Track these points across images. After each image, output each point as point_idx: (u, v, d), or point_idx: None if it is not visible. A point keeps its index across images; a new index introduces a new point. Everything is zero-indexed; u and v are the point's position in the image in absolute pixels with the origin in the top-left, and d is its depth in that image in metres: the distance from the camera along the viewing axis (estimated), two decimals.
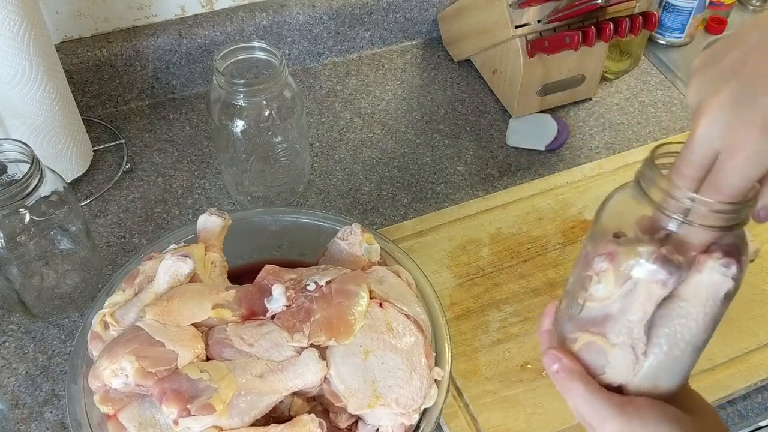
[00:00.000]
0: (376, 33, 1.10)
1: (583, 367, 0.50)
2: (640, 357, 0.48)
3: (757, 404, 0.74)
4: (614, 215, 0.50)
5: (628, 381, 0.49)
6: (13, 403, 0.72)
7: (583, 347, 0.50)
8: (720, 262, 0.45)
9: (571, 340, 0.51)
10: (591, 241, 0.50)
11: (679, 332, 0.47)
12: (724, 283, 0.45)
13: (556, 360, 0.51)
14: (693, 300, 0.46)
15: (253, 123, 0.81)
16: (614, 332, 0.48)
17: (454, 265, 0.83)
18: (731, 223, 0.45)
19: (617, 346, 0.48)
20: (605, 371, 0.49)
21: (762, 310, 0.79)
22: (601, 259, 0.48)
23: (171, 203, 0.90)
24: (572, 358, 0.51)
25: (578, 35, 0.89)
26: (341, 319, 0.60)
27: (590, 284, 0.49)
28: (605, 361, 0.49)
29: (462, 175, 0.95)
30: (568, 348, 0.52)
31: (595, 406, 0.48)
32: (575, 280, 0.52)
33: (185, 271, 0.63)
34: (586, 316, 0.50)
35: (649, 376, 0.48)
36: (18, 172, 0.72)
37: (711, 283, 0.45)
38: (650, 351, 0.48)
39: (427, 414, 0.61)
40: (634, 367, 0.48)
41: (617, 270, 0.47)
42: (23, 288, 0.75)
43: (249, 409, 0.56)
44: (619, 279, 0.47)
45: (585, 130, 1.02)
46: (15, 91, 0.79)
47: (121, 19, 0.98)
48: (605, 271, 0.48)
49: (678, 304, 0.46)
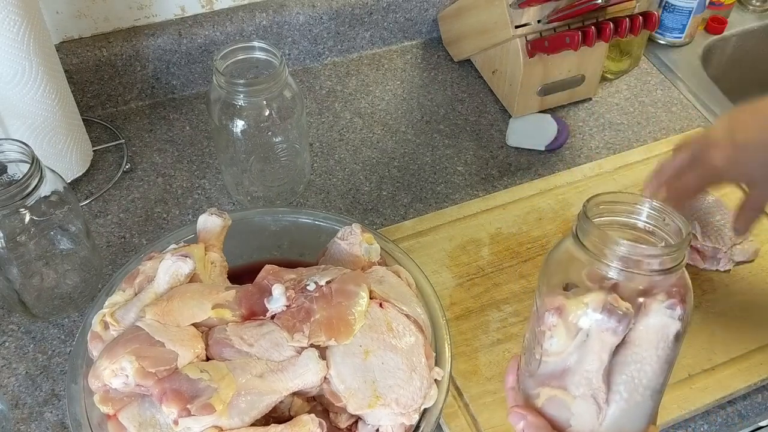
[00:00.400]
0: (376, 33, 1.10)
1: (549, 422, 0.50)
2: (603, 406, 0.48)
3: (757, 404, 0.74)
4: (558, 268, 0.51)
5: (595, 431, 0.49)
6: (13, 403, 0.72)
7: (546, 402, 0.51)
8: (665, 305, 0.46)
9: (534, 396, 0.52)
10: (540, 295, 0.51)
11: (636, 377, 0.47)
12: (672, 324, 0.46)
13: (521, 418, 0.51)
14: (645, 344, 0.47)
15: (253, 123, 0.81)
16: (574, 384, 0.49)
17: (454, 265, 0.83)
18: (669, 266, 0.46)
19: (579, 398, 0.49)
20: (571, 424, 0.50)
21: (762, 310, 0.79)
22: (550, 314, 0.48)
23: (171, 203, 0.90)
24: (537, 414, 0.51)
25: (578, 35, 0.89)
26: (341, 319, 0.60)
27: (544, 339, 0.49)
28: (569, 413, 0.49)
29: (462, 175, 0.95)
30: (532, 404, 0.52)
31: None
32: (530, 336, 0.52)
33: (185, 271, 0.63)
34: (544, 371, 0.51)
35: (614, 424, 0.49)
36: (18, 172, 0.72)
37: (659, 326, 0.46)
38: (611, 399, 0.48)
39: (427, 414, 0.61)
40: (598, 416, 0.48)
41: (567, 323, 0.48)
42: (23, 288, 0.75)
43: (249, 409, 0.56)
44: (570, 331, 0.48)
45: (585, 130, 1.02)
46: (15, 91, 0.79)
47: (121, 19, 0.98)
48: (556, 326, 0.48)
49: (632, 350, 0.47)
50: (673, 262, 0.46)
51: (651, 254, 0.46)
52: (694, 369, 0.74)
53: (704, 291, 0.81)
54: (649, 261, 0.45)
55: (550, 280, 0.50)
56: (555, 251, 0.51)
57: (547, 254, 0.52)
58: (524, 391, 0.53)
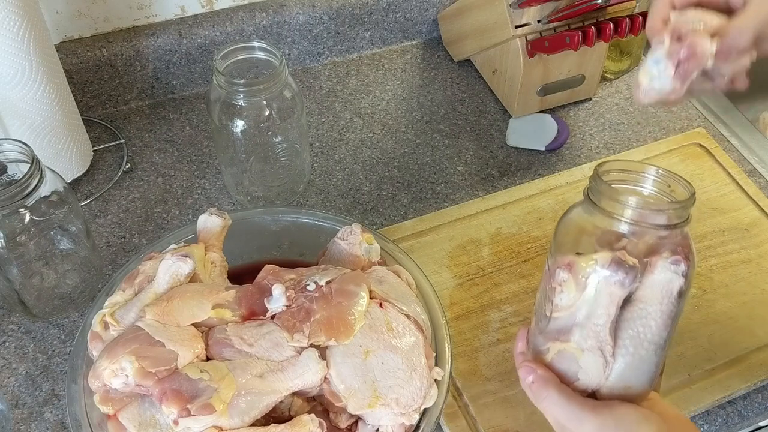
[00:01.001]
0: (376, 33, 1.10)
1: (558, 375, 0.53)
2: (609, 359, 0.51)
3: (757, 404, 0.74)
4: (570, 230, 0.54)
5: (601, 385, 0.52)
6: (13, 403, 0.72)
7: (556, 357, 0.53)
8: (669, 261, 0.49)
9: (543, 351, 0.54)
10: (551, 256, 0.54)
11: (641, 332, 0.50)
12: (676, 280, 0.49)
13: (530, 371, 0.53)
14: (650, 300, 0.49)
15: (253, 123, 0.81)
16: (583, 338, 0.51)
17: (454, 265, 0.83)
18: (675, 222, 0.49)
19: (587, 351, 0.51)
20: (578, 377, 0.52)
21: (762, 310, 0.79)
22: (561, 270, 0.51)
23: (171, 203, 0.90)
24: (546, 369, 0.53)
25: (578, 35, 0.89)
26: (341, 319, 0.60)
27: (555, 295, 0.52)
28: (577, 367, 0.52)
29: (462, 175, 0.95)
30: (541, 360, 0.54)
31: (571, 409, 0.50)
32: (541, 296, 0.55)
33: (185, 271, 0.63)
34: (554, 327, 0.53)
35: (620, 378, 0.51)
36: (18, 172, 0.72)
37: (664, 281, 0.49)
38: (618, 353, 0.51)
39: (427, 414, 0.61)
40: (604, 369, 0.51)
41: (576, 278, 0.50)
42: (23, 288, 0.75)
43: (249, 409, 0.56)
44: (580, 286, 0.50)
45: (585, 130, 1.02)
46: (15, 91, 0.79)
47: (121, 19, 0.98)
48: (566, 281, 0.51)
49: (637, 306, 0.50)
50: (679, 218, 0.49)
51: (659, 209, 0.49)
52: (694, 369, 0.74)
53: (704, 291, 0.81)
54: (656, 216, 0.49)
55: (561, 244, 0.53)
56: (566, 216, 0.54)
57: (559, 220, 0.55)
58: (534, 348, 0.56)
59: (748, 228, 0.87)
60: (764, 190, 0.92)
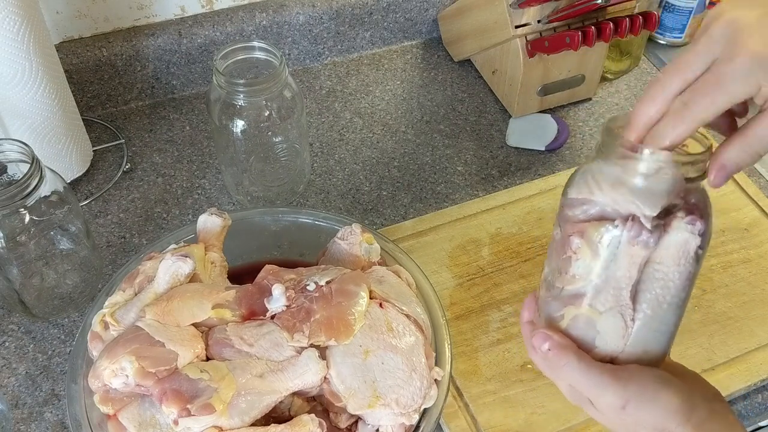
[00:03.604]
0: (376, 33, 1.10)
1: (574, 342, 0.50)
2: (629, 323, 0.49)
3: (757, 404, 0.74)
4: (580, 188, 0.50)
5: (620, 350, 0.50)
6: (13, 403, 0.72)
7: (571, 322, 0.51)
8: (685, 221, 0.47)
9: (558, 318, 0.51)
10: (561, 221, 0.51)
11: (659, 295, 0.48)
12: (693, 240, 0.47)
13: (546, 338, 0.50)
14: (667, 261, 0.48)
15: (253, 123, 0.81)
16: (600, 301, 0.49)
17: (454, 265, 0.83)
18: (692, 176, 0.47)
19: (605, 314, 0.49)
20: (596, 344, 0.50)
21: (762, 310, 0.79)
22: (573, 237, 0.49)
23: (171, 203, 0.90)
24: (562, 335, 0.50)
25: (578, 35, 0.89)
26: (341, 319, 0.60)
27: (570, 264, 0.50)
28: (595, 332, 0.50)
29: (462, 175, 0.95)
30: (556, 327, 0.52)
31: (591, 377, 0.48)
32: (552, 267, 0.52)
33: (185, 271, 0.63)
34: (569, 292, 0.50)
35: (639, 341, 0.49)
36: (18, 172, 0.72)
37: (681, 241, 0.47)
38: (636, 317, 0.49)
39: (427, 414, 0.61)
40: (624, 333, 0.49)
41: (590, 242, 0.48)
42: (23, 288, 0.75)
43: (249, 409, 0.56)
44: (596, 252, 0.48)
45: (585, 130, 1.02)
46: (15, 91, 0.79)
47: (121, 19, 0.98)
48: (580, 248, 0.49)
49: (654, 268, 0.48)
50: (696, 172, 0.47)
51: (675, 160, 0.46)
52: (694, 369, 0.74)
53: (704, 291, 0.81)
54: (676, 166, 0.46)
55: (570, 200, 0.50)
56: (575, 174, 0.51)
57: (568, 180, 0.52)
58: (547, 315, 0.53)
59: (748, 228, 0.87)
60: (764, 190, 0.92)
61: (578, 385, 0.49)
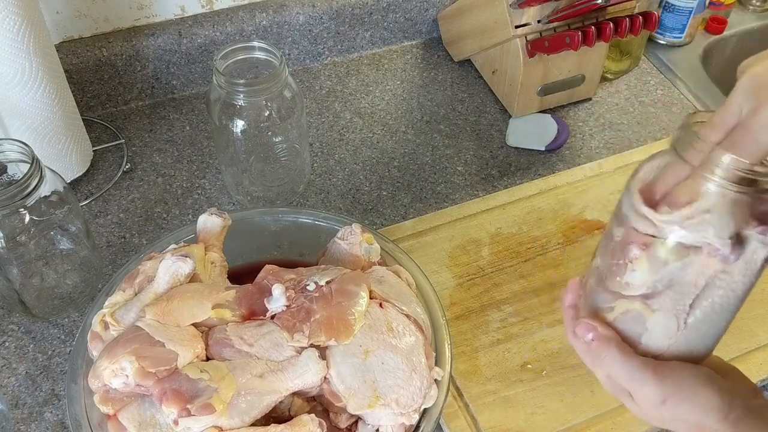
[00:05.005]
0: (376, 33, 1.10)
1: (619, 335, 0.50)
2: (681, 325, 0.48)
3: None
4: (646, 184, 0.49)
5: (665, 348, 0.49)
6: (13, 403, 0.72)
7: (620, 316, 0.50)
8: (757, 230, 0.45)
9: (606, 309, 0.51)
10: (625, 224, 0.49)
11: (717, 302, 0.47)
12: (762, 250, 0.46)
13: (590, 329, 0.50)
14: (734, 271, 0.46)
15: (253, 123, 0.81)
16: (657, 301, 0.48)
17: (454, 265, 0.83)
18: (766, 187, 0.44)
19: (658, 312, 0.48)
20: (641, 341, 0.49)
21: (762, 310, 0.79)
22: (634, 247, 0.47)
23: (171, 203, 0.90)
24: (607, 327, 0.50)
25: (578, 35, 0.89)
26: (341, 319, 0.60)
27: (625, 272, 0.48)
28: (643, 329, 0.49)
29: (462, 175, 0.95)
30: (601, 318, 0.51)
31: (631, 370, 0.48)
32: (606, 264, 0.50)
33: (185, 271, 0.63)
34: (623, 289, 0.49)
35: (686, 342, 0.49)
36: (18, 172, 0.72)
37: (750, 251, 0.45)
38: (688, 320, 0.48)
39: (427, 414, 0.61)
40: (673, 334, 0.48)
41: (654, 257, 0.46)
42: (23, 288, 0.75)
43: (249, 409, 0.56)
44: (654, 265, 0.47)
45: (585, 130, 1.02)
46: (15, 91, 0.79)
47: (121, 19, 0.98)
48: (638, 259, 0.47)
49: (719, 276, 0.46)
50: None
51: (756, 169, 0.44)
52: None
53: None
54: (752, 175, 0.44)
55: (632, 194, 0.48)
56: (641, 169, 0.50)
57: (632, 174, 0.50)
58: (593, 304, 0.52)
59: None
60: None
61: (618, 377, 0.49)
